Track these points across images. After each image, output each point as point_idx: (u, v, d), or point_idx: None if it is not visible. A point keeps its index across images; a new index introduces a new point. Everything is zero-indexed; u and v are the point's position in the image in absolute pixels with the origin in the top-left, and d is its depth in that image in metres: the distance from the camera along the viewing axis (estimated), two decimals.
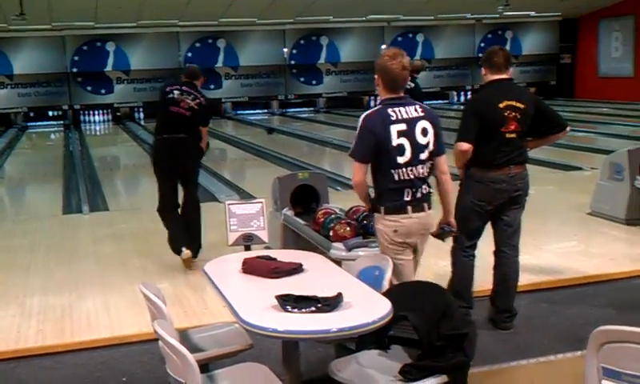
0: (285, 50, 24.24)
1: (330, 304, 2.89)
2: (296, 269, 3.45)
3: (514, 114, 4.51)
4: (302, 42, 24.43)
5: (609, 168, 7.54)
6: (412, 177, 3.86)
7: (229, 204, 4.05)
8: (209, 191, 9.84)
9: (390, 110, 3.85)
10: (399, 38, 25.24)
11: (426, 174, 3.93)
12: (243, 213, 4.00)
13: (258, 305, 3.03)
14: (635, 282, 5.72)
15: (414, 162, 3.86)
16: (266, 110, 24.24)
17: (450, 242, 4.64)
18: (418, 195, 3.90)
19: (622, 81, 23.33)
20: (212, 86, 23.65)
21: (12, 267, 6.52)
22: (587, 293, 5.52)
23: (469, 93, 25.81)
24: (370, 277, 3.50)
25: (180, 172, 6.39)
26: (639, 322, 2.43)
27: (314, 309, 2.87)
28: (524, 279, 5.40)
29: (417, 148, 3.85)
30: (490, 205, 4.60)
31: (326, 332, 2.80)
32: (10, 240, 7.63)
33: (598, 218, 7.51)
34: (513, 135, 4.52)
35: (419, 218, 3.91)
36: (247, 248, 4.04)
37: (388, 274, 3.46)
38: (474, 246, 4.79)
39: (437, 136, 3.95)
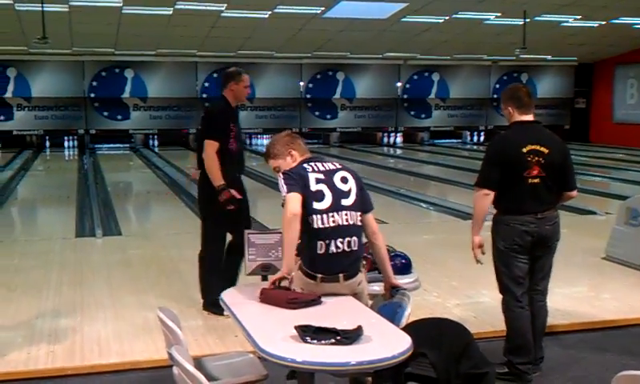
0: (301, 83, 24.42)
1: (350, 337, 2.87)
2: (314, 300, 3.43)
3: (537, 158, 4.38)
4: (318, 76, 24.60)
5: (625, 213, 7.50)
6: (332, 224, 3.63)
7: (248, 233, 4.04)
8: None
9: (305, 165, 3.79)
10: (415, 77, 25.42)
11: (354, 222, 3.69)
12: (262, 242, 3.99)
13: (276, 335, 3.01)
14: None
15: (336, 207, 3.66)
16: None
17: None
18: (332, 249, 3.62)
19: (636, 127, 23.34)
20: None
21: (24, 288, 6.52)
22: (602, 338, 5.46)
23: (482, 133, 25.95)
24: (389, 312, 3.47)
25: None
26: None
27: (333, 341, 2.85)
28: None
29: (337, 194, 3.69)
30: (522, 243, 4.43)
31: (345, 365, 2.78)
32: (22, 261, 7.64)
33: (613, 262, 7.45)
34: (536, 180, 4.40)
35: (331, 288, 3.61)
36: (264, 278, 4.02)
37: (408, 310, 3.43)
38: (525, 295, 4.56)
39: (361, 190, 3.79)
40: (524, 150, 4.39)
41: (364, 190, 3.83)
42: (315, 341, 2.86)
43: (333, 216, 3.64)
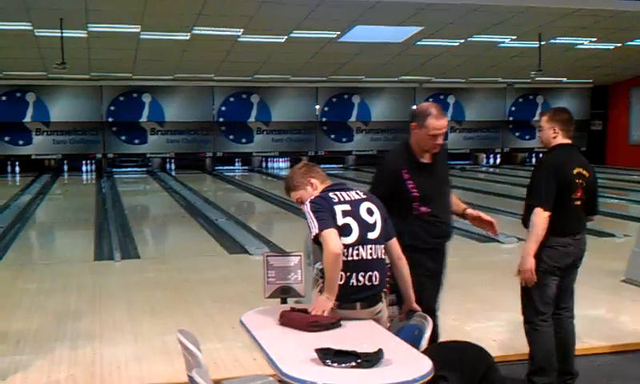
0: (317, 106, 24.55)
1: (371, 360, 2.87)
2: (334, 323, 3.43)
3: (580, 181, 4.44)
4: (334, 99, 24.74)
5: None
6: (355, 258, 3.61)
7: (267, 255, 4.04)
8: (239, 243, 9.89)
9: (331, 194, 3.74)
10: (430, 99, 25.46)
11: (377, 256, 3.66)
12: (281, 265, 3.99)
13: (297, 358, 3.01)
14: None
15: (362, 240, 3.63)
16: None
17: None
18: (352, 282, 3.59)
19: None
20: (244, 140, 24.07)
21: (43, 311, 6.56)
22: (621, 361, 5.40)
23: (498, 155, 25.92)
24: (409, 335, 3.47)
25: None
26: None
27: (353, 364, 2.85)
28: None
29: (364, 227, 3.65)
30: (561, 265, 4.47)
31: None
32: (41, 284, 7.69)
33: (633, 285, 7.38)
34: (578, 202, 4.45)
35: (347, 314, 3.55)
36: (283, 301, 4.02)
37: (427, 333, 3.42)
38: (550, 316, 4.57)
39: (384, 219, 3.75)
40: (574, 172, 4.43)
41: (388, 219, 3.79)
42: (336, 364, 2.86)
43: (357, 250, 3.61)
